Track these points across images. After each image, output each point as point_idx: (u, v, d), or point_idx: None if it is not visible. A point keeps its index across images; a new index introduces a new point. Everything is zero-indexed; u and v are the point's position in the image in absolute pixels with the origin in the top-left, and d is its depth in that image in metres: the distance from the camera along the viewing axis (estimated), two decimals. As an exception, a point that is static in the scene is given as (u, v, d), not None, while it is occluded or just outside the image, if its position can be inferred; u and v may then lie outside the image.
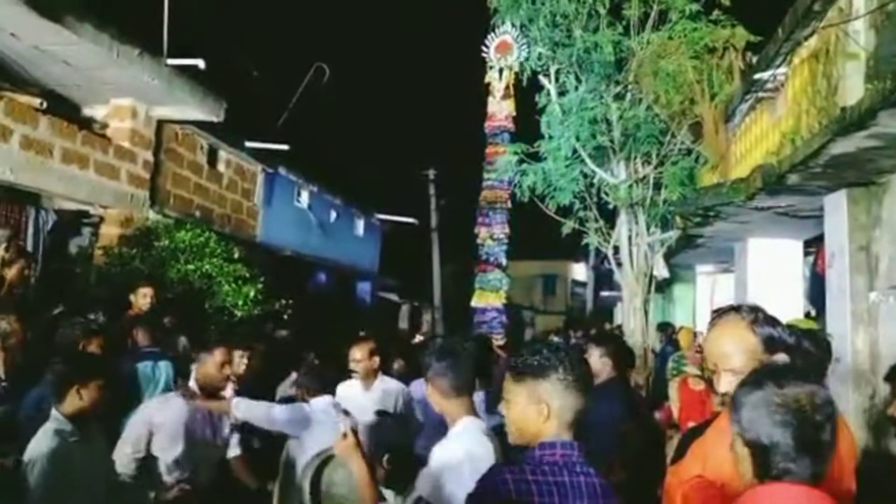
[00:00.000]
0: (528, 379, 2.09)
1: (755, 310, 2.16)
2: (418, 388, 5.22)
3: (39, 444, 3.07)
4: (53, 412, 3.19)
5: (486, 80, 17.19)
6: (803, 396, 1.58)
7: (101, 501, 3.17)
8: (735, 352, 2.08)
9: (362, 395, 4.99)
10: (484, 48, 16.83)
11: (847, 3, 5.88)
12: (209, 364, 4.12)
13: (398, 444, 4.73)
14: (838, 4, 6.00)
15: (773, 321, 2.14)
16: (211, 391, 4.16)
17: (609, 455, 3.77)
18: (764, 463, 1.59)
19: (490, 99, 17.31)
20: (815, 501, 1.55)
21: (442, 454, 2.62)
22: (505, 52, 16.66)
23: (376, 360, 5.06)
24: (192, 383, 4.16)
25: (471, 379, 2.83)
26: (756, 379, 1.71)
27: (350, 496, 2.83)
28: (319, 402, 4.31)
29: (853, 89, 5.65)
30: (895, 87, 3.88)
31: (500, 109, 17.08)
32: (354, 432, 2.77)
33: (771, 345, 2.08)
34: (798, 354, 3.02)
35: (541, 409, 2.05)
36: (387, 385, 5.13)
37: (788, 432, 1.56)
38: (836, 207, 5.98)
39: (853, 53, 5.69)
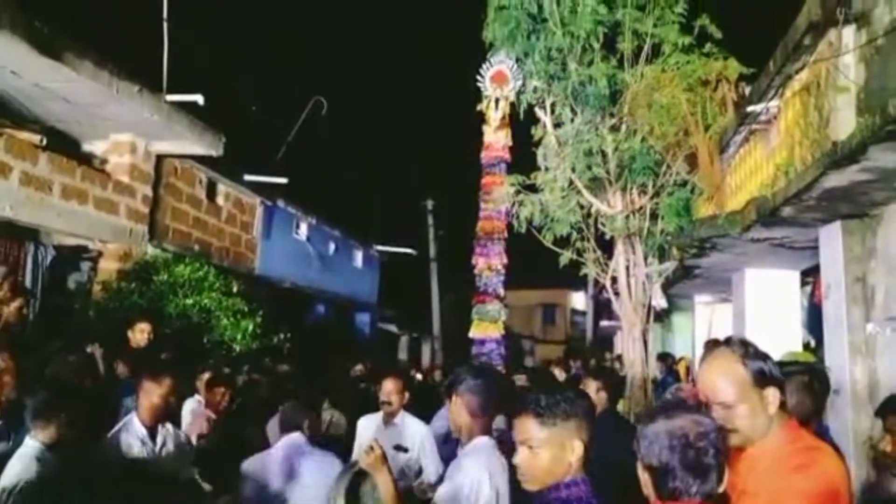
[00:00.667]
0: (559, 421, 2.16)
1: (745, 344, 2.20)
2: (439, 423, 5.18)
3: (16, 471, 3.04)
4: (29, 439, 3.17)
5: (480, 108, 17.24)
6: (688, 426, 1.82)
7: None
8: (726, 385, 2.11)
9: (381, 431, 4.95)
10: (479, 78, 16.93)
11: (837, 36, 5.96)
12: (154, 394, 3.93)
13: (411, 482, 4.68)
14: (828, 38, 6.08)
15: (763, 356, 2.17)
16: (153, 423, 3.99)
17: (611, 487, 3.77)
18: (660, 484, 1.82)
19: (486, 129, 17.39)
20: None
21: (461, 469, 2.74)
22: (501, 83, 16.77)
23: (405, 395, 5.08)
24: (132, 416, 3.99)
25: (498, 402, 2.97)
26: (651, 413, 1.99)
27: None
28: (282, 441, 4.01)
29: (845, 122, 5.70)
30: (885, 122, 3.93)
31: (497, 140, 17.14)
32: (381, 446, 2.90)
33: (761, 379, 2.12)
34: (791, 386, 3.04)
35: (574, 446, 2.15)
36: (408, 422, 5.07)
37: (675, 456, 1.79)
38: (831, 239, 6.01)
39: (844, 87, 5.76)
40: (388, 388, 5.01)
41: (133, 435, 3.93)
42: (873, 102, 5.19)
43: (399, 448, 4.71)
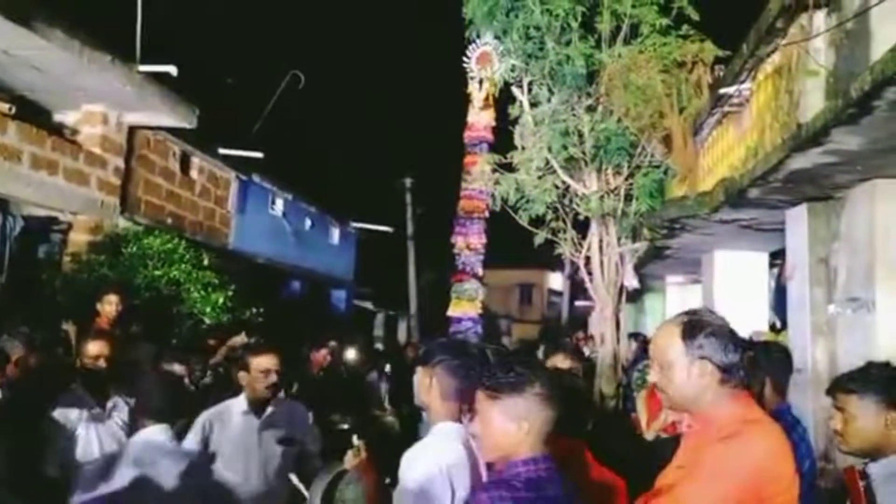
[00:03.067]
0: (503, 396, 2.12)
1: (694, 317, 2.24)
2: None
3: None
4: None
5: (468, 91, 17.26)
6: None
7: None
8: (662, 350, 2.19)
9: (253, 418, 3.85)
10: (465, 59, 16.92)
11: (808, 20, 6.01)
12: (85, 356, 4.06)
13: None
14: (800, 22, 6.13)
15: (708, 332, 2.20)
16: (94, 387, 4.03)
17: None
18: None
19: (470, 109, 17.42)
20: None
21: (414, 470, 2.47)
22: (485, 64, 16.77)
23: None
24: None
25: (474, 388, 2.69)
26: None
27: None
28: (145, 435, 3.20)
29: (813, 105, 5.77)
30: (846, 105, 3.98)
31: (480, 120, 17.17)
32: (368, 448, 2.67)
33: (696, 351, 2.14)
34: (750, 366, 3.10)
35: (521, 425, 2.08)
36: (282, 406, 4.08)
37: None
38: (797, 221, 6.10)
39: (813, 70, 5.82)
40: (271, 365, 3.86)
41: (74, 401, 3.93)
42: (841, 86, 5.25)
43: (285, 442, 3.72)
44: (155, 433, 3.12)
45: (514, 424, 2.09)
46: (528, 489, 2.00)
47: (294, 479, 3.10)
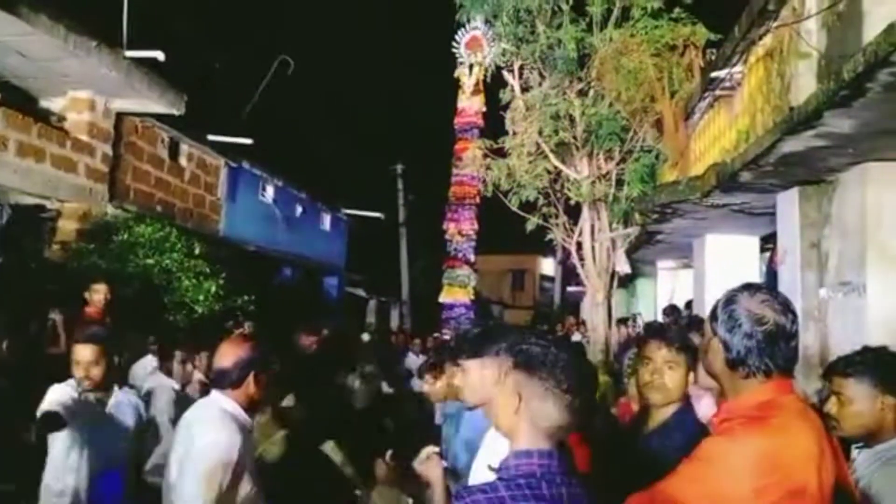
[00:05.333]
0: (519, 366, 1.85)
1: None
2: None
3: None
4: None
5: (456, 75, 17.26)
6: None
7: None
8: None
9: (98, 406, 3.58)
10: (454, 44, 16.86)
11: (800, 2, 5.98)
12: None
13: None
14: (792, 4, 6.09)
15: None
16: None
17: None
18: None
19: (460, 94, 17.37)
20: None
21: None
22: (475, 48, 16.71)
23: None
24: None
25: None
26: None
27: None
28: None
29: (805, 88, 5.74)
30: (839, 87, 3.95)
31: (470, 105, 17.14)
32: (439, 455, 2.53)
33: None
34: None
35: (513, 402, 1.82)
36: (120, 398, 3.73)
37: None
38: (789, 205, 6.08)
39: (805, 53, 5.79)
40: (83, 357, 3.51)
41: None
42: (833, 68, 5.21)
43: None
44: None
45: (509, 399, 1.82)
46: (510, 488, 1.72)
47: (328, 449, 3.01)
